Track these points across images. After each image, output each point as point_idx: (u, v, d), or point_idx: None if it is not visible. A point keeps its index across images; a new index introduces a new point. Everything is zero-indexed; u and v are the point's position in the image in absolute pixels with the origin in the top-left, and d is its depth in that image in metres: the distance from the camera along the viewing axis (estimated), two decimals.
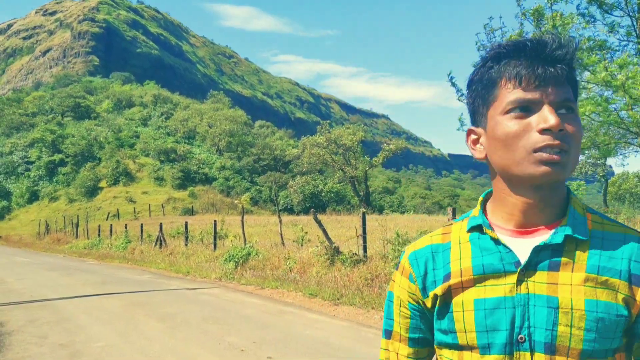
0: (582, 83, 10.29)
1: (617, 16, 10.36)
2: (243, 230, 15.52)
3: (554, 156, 0.90)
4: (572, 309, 0.91)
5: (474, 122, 1.04)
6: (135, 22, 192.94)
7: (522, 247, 0.96)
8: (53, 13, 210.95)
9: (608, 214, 16.51)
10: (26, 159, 65.19)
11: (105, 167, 58.72)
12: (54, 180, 61.32)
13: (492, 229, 1.00)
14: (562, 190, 0.99)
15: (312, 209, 12.89)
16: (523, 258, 0.95)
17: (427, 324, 1.07)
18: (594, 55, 9.29)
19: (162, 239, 20.10)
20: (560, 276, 0.93)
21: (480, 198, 1.09)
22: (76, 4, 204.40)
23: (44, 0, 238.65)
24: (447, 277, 1.01)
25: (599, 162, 31.27)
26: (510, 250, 0.96)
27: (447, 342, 1.01)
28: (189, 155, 63.79)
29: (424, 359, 1.11)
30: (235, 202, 25.12)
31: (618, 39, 10.59)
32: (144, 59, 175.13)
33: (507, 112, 0.95)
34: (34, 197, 59.24)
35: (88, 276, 14.07)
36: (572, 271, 0.93)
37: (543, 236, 0.96)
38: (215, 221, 17.25)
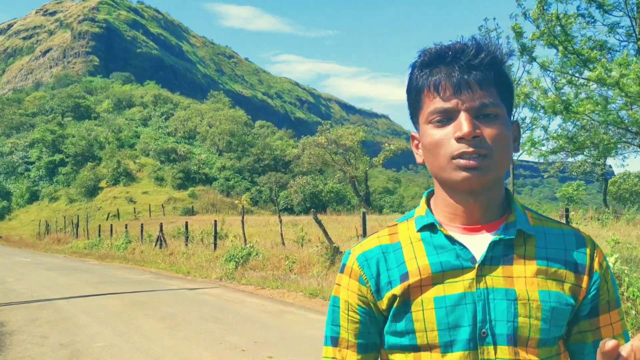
0: (582, 81, 10.30)
1: (616, 17, 10.37)
2: (243, 231, 15.52)
3: (471, 162, 0.93)
4: (529, 300, 0.94)
5: (415, 127, 1.07)
6: (135, 22, 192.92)
7: (472, 244, 0.98)
8: (53, 13, 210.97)
9: (608, 214, 16.50)
10: (26, 159, 65.16)
11: (105, 167, 58.69)
12: (54, 180, 61.30)
13: (443, 227, 1.01)
14: (499, 191, 1.01)
15: (313, 209, 12.90)
16: (476, 254, 0.97)
17: (376, 328, 1.05)
18: (594, 52, 9.31)
19: (162, 239, 20.10)
20: (514, 269, 0.96)
21: (424, 197, 1.10)
22: (76, 4, 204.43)
23: (44, 0, 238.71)
24: (405, 276, 0.99)
25: (598, 161, 31.28)
26: (465, 247, 0.98)
27: (403, 344, 0.99)
28: (189, 155, 63.77)
29: None
30: (236, 202, 25.14)
31: (618, 40, 10.60)
32: (144, 59, 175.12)
33: (430, 121, 0.98)
34: (34, 197, 59.23)
35: (88, 276, 14.08)
36: (525, 264, 0.96)
37: (488, 233, 0.99)
38: (215, 221, 17.26)
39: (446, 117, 0.96)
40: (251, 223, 23.57)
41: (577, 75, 10.24)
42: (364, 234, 10.84)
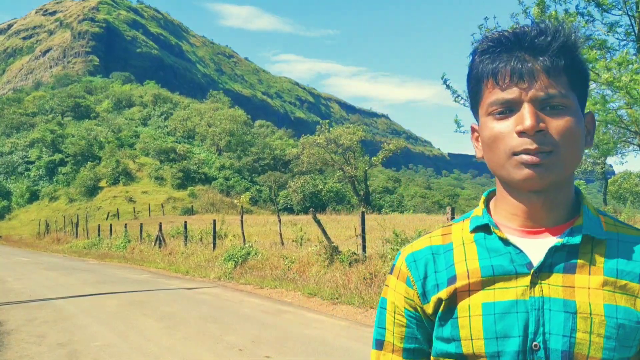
0: None
1: (615, 15, 10.36)
2: (242, 230, 15.51)
3: (534, 158, 0.85)
4: (591, 314, 0.84)
5: (475, 119, 0.99)
6: (135, 22, 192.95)
7: (532, 248, 0.90)
8: (53, 13, 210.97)
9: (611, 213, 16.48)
10: (26, 159, 65.18)
11: (105, 166, 58.71)
12: (54, 180, 61.32)
13: (499, 229, 0.94)
14: (568, 191, 0.92)
15: (312, 209, 12.89)
16: (534, 259, 0.89)
17: (424, 333, 0.98)
18: (594, 52, 9.29)
19: (161, 238, 20.10)
20: (576, 279, 0.87)
21: (483, 197, 1.03)
22: (76, 3, 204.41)
23: (44, 0, 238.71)
24: (453, 279, 0.92)
25: (598, 161, 31.28)
26: (521, 251, 0.90)
27: (450, 351, 0.92)
28: (188, 154, 63.77)
29: None
30: (235, 201, 25.15)
31: (617, 39, 10.59)
32: (144, 58, 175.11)
33: (490, 113, 0.90)
34: (34, 196, 59.25)
35: (87, 276, 14.08)
36: (590, 274, 0.87)
37: (552, 237, 0.90)
38: (214, 221, 17.25)
39: (508, 109, 0.88)
40: (250, 223, 23.58)
41: None
42: (363, 234, 10.84)
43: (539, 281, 0.87)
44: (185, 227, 19.61)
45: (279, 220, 15.08)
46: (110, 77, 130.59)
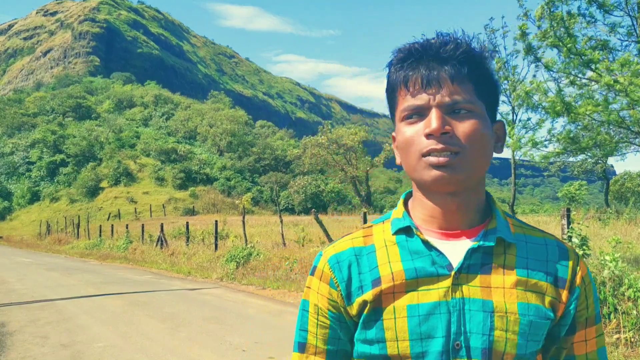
0: (584, 81, 10.28)
1: (617, 16, 10.35)
2: (244, 231, 15.52)
3: (441, 159, 0.88)
4: (506, 312, 0.89)
5: (394, 126, 1.03)
6: (136, 22, 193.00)
7: (450, 250, 0.93)
8: (54, 13, 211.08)
9: (610, 213, 16.46)
10: (27, 160, 65.25)
11: (106, 167, 58.77)
12: (55, 180, 61.38)
13: (420, 231, 0.96)
14: (479, 193, 0.96)
15: (313, 209, 12.89)
16: (454, 261, 0.92)
17: (347, 334, 0.99)
18: (597, 53, 9.28)
19: (163, 239, 20.11)
20: (492, 279, 0.91)
21: (401, 199, 1.05)
22: (77, 4, 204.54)
23: (45, 1, 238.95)
24: (377, 281, 0.94)
25: (600, 161, 31.23)
26: (442, 253, 0.93)
27: (373, 353, 0.93)
28: (189, 155, 63.80)
29: None
30: (237, 202, 25.15)
31: (619, 39, 10.58)
32: (145, 59, 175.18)
33: (403, 119, 0.94)
34: (35, 197, 59.30)
35: (89, 276, 14.08)
36: (504, 274, 0.91)
37: (468, 239, 0.94)
38: (216, 221, 17.27)
39: (418, 114, 0.92)
40: (252, 223, 23.59)
41: (579, 75, 10.23)
42: None
43: (459, 282, 0.90)
44: (187, 228, 19.62)
45: (281, 221, 15.09)
46: (111, 78, 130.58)
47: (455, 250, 0.93)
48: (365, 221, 10.91)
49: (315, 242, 13.11)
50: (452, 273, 0.91)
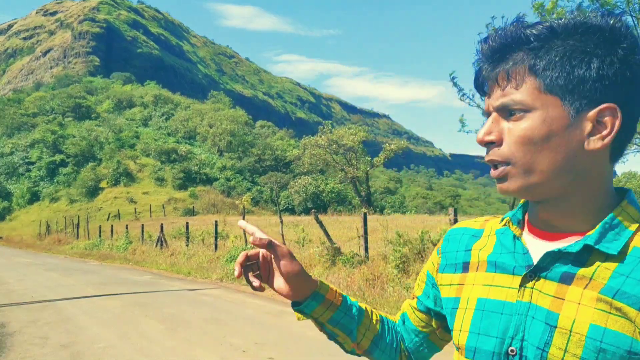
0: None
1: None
2: (244, 231, 15.48)
3: (494, 171, 0.82)
4: (571, 331, 0.76)
5: None
6: (135, 22, 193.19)
7: (541, 252, 0.84)
8: (54, 13, 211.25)
9: None
10: (27, 160, 65.24)
11: (105, 167, 58.77)
12: (55, 180, 61.36)
13: (519, 225, 0.89)
14: (580, 199, 0.81)
15: (313, 210, 12.88)
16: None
17: (433, 294, 1.04)
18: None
19: (163, 239, 20.10)
20: (569, 291, 0.78)
21: None
22: (77, 4, 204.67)
23: (45, 1, 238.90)
24: (466, 266, 0.94)
25: None
26: (527, 251, 0.85)
27: (453, 341, 0.95)
28: (189, 155, 63.80)
29: (427, 325, 1.07)
30: (236, 202, 25.16)
31: None
32: (145, 59, 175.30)
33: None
34: (34, 197, 59.28)
35: (89, 277, 14.06)
36: (585, 288, 0.77)
37: (567, 243, 0.83)
38: (216, 222, 17.26)
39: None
40: (252, 223, 23.40)
41: None
42: (365, 235, 10.82)
43: (531, 286, 0.82)
44: (187, 228, 19.61)
45: (281, 221, 15.06)
46: (111, 78, 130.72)
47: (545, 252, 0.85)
48: (365, 221, 10.90)
49: (315, 243, 13.09)
50: (523, 274, 0.83)
